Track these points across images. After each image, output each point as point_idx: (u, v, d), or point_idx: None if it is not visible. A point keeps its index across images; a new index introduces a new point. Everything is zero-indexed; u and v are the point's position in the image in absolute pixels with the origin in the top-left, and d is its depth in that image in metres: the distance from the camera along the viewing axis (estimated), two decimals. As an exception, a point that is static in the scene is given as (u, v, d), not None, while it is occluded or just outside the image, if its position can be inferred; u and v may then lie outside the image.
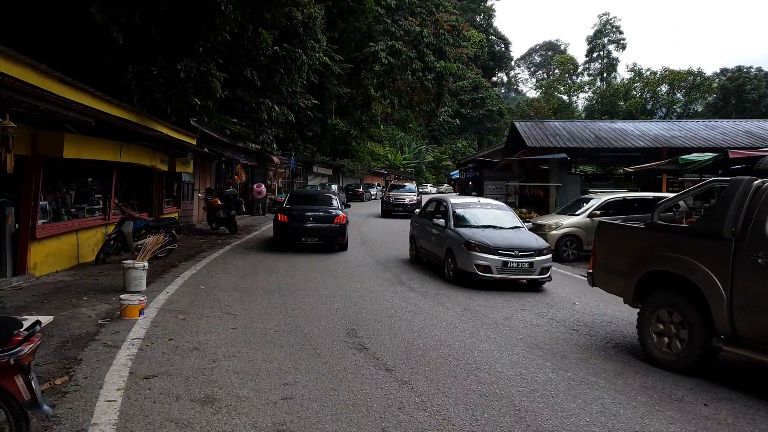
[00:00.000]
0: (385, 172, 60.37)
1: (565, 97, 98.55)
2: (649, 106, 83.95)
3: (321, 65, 36.77)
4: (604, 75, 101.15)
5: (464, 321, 7.43)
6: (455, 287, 9.69)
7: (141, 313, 6.58)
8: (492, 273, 9.18)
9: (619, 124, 22.65)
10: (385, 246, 15.57)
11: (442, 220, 10.42)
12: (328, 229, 13.49)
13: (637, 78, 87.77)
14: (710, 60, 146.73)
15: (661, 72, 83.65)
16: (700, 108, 79.18)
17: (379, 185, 54.41)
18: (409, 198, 28.00)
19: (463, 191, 39.19)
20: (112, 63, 13.99)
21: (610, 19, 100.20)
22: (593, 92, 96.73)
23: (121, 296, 6.65)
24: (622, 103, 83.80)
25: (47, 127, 8.77)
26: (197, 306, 7.52)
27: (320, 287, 9.39)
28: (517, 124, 21.76)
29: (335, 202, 14.88)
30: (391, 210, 27.93)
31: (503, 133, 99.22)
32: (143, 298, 6.67)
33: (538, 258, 9.33)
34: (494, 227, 10.17)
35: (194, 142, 16.65)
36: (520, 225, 10.45)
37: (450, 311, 7.98)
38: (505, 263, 9.17)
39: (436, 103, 46.21)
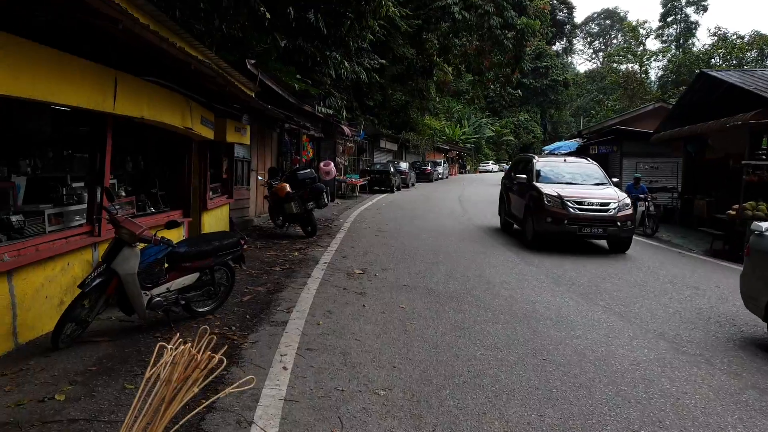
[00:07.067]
0: (448, 147, 53.52)
1: (633, 67, 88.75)
2: (734, 76, 73.97)
3: (386, 20, 30.60)
4: (681, 41, 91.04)
5: None
6: None
7: None
8: None
9: None
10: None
11: None
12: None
13: (720, 43, 77.69)
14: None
15: (749, 36, 73.52)
16: (795, 76, 69.12)
17: (444, 162, 47.78)
18: (614, 201, 10.66)
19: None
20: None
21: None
22: (669, 61, 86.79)
23: None
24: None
25: None
26: None
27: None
28: (718, 75, 14.83)
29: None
30: (571, 230, 10.50)
31: (567, 106, 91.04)
32: None
33: None
34: None
35: (252, 95, 10.54)
36: None
37: None
38: None
39: (513, 67, 39.45)
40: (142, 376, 3.04)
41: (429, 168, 39.65)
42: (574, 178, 11.90)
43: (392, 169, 28.13)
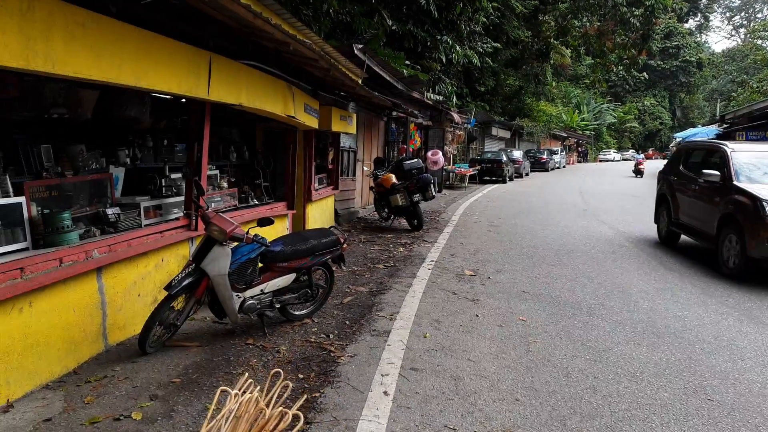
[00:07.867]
0: (565, 134, 50.46)
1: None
2: None
3: (500, 1, 29.05)
4: None
5: None
6: None
7: None
8: None
9: None
10: None
11: None
12: None
13: None
14: None
15: None
16: None
17: (561, 150, 45.13)
18: None
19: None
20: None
21: None
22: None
23: None
24: None
25: None
26: None
27: None
28: None
29: None
30: None
31: (699, 89, 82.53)
32: None
33: None
34: None
35: (359, 81, 10.00)
36: None
37: None
38: None
39: (639, 48, 36.04)
40: (226, 394, 2.54)
41: (545, 156, 37.46)
42: None
43: (504, 158, 26.71)
